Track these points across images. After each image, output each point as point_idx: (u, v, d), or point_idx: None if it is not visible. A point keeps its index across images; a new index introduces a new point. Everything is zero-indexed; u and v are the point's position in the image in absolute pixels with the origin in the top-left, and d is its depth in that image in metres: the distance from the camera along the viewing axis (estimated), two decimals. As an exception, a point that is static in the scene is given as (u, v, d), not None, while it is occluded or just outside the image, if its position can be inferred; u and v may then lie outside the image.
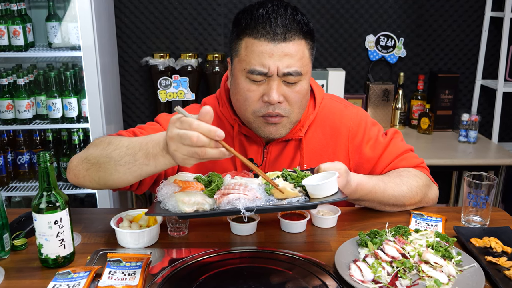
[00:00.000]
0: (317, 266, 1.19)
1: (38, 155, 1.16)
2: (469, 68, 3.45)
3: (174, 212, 1.16)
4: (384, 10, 3.31)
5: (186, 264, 1.19)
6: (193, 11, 3.25)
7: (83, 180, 1.33)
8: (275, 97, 1.35)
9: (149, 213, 1.17)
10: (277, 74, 1.35)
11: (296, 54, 1.35)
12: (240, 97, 1.41)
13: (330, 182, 1.18)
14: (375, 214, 1.50)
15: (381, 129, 1.60)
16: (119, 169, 1.22)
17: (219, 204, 1.16)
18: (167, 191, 1.21)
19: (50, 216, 1.16)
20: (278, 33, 1.32)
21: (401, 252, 1.16)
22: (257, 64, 1.34)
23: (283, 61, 1.33)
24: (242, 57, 1.37)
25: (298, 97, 1.40)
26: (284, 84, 1.37)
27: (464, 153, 2.97)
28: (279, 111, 1.38)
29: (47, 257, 1.19)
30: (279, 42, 1.33)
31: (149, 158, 1.15)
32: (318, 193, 1.19)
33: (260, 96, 1.38)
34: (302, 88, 1.39)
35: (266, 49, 1.33)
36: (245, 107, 1.41)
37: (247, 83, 1.38)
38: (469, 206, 1.44)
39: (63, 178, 3.02)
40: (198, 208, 1.16)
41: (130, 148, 1.20)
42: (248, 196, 1.15)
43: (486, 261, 1.21)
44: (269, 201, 1.18)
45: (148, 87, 3.35)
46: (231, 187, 1.17)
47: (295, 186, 1.24)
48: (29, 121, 2.87)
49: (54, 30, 2.84)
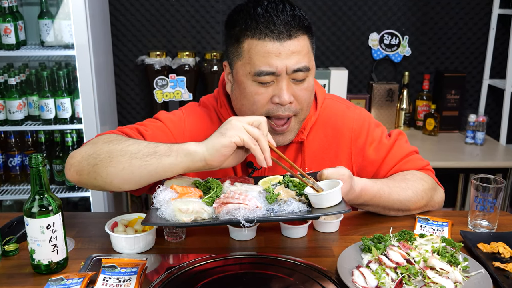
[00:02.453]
0: (318, 272, 1.19)
1: (30, 157, 1.16)
2: (476, 67, 3.45)
3: (172, 222, 1.16)
4: (388, 7, 3.31)
5: (183, 270, 1.19)
6: (191, 8, 3.25)
7: (86, 177, 1.30)
8: (287, 98, 1.35)
9: (145, 223, 1.17)
10: (286, 73, 1.35)
11: (302, 49, 1.36)
12: (247, 101, 1.39)
13: (333, 192, 1.18)
14: (379, 219, 1.50)
15: (385, 130, 1.61)
16: (134, 162, 1.22)
17: (218, 213, 1.16)
18: (164, 197, 1.20)
19: (42, 220, 1.16)
20: (283, 31, 1.32)
21: (406, 257, 1.16)
22: (264, 65, 1.33)
23: (291, 59, 1.34)
24: (246, 60, 1.36)
25: (307, 94, 1.40)
26: (292, 83, 1.37)
27: (471, 155, 2.97)
28: (289, 113, 1.39)
29: (39, 263, 1.19)
30: (285, 41, 1.33)
31: (172, 150, 1.21)
32: (321, 203, 1.19)
33: (269, 98, 1.37)
34: (309, 84, 1.40)
35: (272, 49, 1.33)
36: (253, 111, 1.39)
37: (254, 87, 1.37)
38: (476, 210, 1.44)
39: (55, 181, 3.02)
40: (196, 218, 1.16)
41: (151, 143, 1.26)
42: (248, 206, 1.15)
43: (494, 267, 1.21)
44: (270, 211, 1.18)
45: (144, 87, 3.36)
46: (231, 196, 1.17)
47: (297, 194, 1.24)
48: (20, 122, 2.87)
49: (46, 28, 2.84)
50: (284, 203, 1.20)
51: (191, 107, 1.58)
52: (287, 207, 1.19)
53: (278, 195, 1.21)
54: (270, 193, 1.21)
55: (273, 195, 1.21)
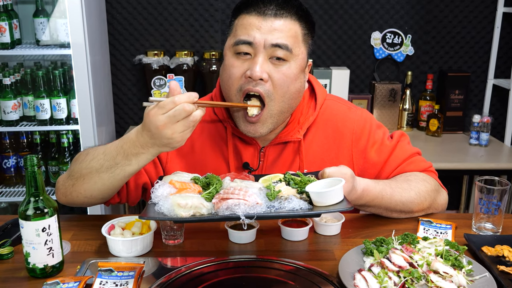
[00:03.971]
0: (320, 276, 1.19)
1: (25, 159, 1.16)
2: (480, 66, 3.45)
3: (170, 217, 1.16)
4: (390, 6, 3.32)
5: (182, 274, 1.19)
6: (189, 7, 3.25)
7: (71, 197, 1.41)
8: (258, 71, 1.35)
9: (142, 217, 1.17)
10: (263, 47, 1.36)
11: (287, 31, 1.37)
12: (225, 75, 1.42)
13: (335, 190, 1.18)
14: (381, 221, 1.51)
15: (387, 131, 1.61)
16: (103, 176, 1.31)
17: (218, 209, 1.16)
18: (162, 192, 1.21)
19: (37, 223, 1.16)
20: (270, 8, 1.36)
21: (409, 261, 1.16)
22: (244, 35, 1.37)
23: (272, 34, 1.36)
24: (232, 33, 1.41)
25: (284, 80, 1.38)
26: (271, 62, 1.38)
27: (475, 156, 2.97)
28: (260, 89, 1.37)
29: (34, 267, 1.19)
30: (268, 17, 1.36)
31: (130, 158, 1.25)
32: (322, 200, 1.19)
33: (244, 72, 1.38)
34: (289, 71, 1.39)
35: (254, 22, 1.36)
36: (229, 85, 1.41)
37: (232, 59, 1.40)
38: (480, 212, 1.44)
39: (51, 183, 3.02)
40: (195, 213, 1.16)
41: (107, 154, 1.29)
42: (248, 202, 1.16)
43: (499, 270, 1.22)
44: (270, 208, 1.19)
45: (141, 86, 3.36)
46: (231, 192, 1.18)
47: (298, 191, 1.24)
48: (15, 123, 2.87)
49: (42, 27, 2.84)
50: (285, 200, 1.20)
51: None
52: (288, 204, 1.19)
53: (279, 192, 1.22)
54: (271, 190, 1.22)
55: (273, 192, 1.21)
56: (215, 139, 1.54)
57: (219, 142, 1.54)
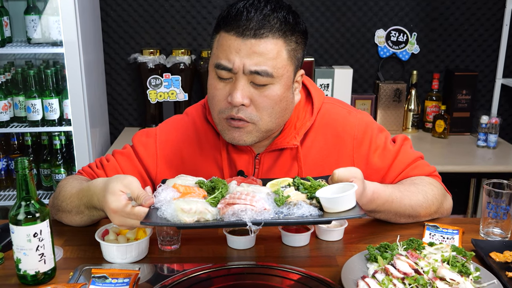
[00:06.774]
0: (322, 283, 1.19)
1: (16, 161, 1.16)
2: (488, 65, 3.46)
3: (173, 222, 1.15)
4: (395, 2, 3.32)
5: (178, 281, 1.19)
6: (186, 4, 3.26)
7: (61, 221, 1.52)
8: (238, 98, 1.34)
9: (144, 223, 1.16)
10: (243, 72, 1.33)
11: (268, 53, 1.32)
12: (210, 93, 1.42)
13: (348, 195, 1.16)
14: (385, 226, 1.51)
15: (389, 135, 1.60)
16: (75, 217, 1.44)
17: (223, 215, 1.15)
18: (165, 196, 1.20)
19: (29, 228, 1.16)
20: (249, 29, 1.31)
21: (414, 267, 1.16)
22: (223, 59, 1.34)
23: (251, 59, 1.32)
24: (214, 51, 1.39)
25: (268, 102, 1.37)
26: (252, 86, 1.35)
27: (483, 159, 2.98)
28: (242, 115, 1.36)
29: (25, 273, 1.19)
30: (247, 38, 1.32)
31: (98, 209, 1.34)
32: (334, 207, 1.17)
33: (226, 96, 1.37)
34: (273, 93, 1.36)
35: (233, 44, 1.33)
36: (213, 106, 1.41)
37: (215, 80, 1.39)
38: (488, 217, 1.44)
39: (43, 186, 3.02)
40: (199, 219, 1.15)
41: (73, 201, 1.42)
42: (256, 207, 1.14)
43: (507, 277, 1.22)
44: (278, 214, 1.17)
45: (136, 86, 3.36)
46: (237, 196, 1.16)
47: (308, 197, 1.23)
48: (6, 124, 2.87)
49: (33, 24, 2.85)
50: (294, 206, 1.18)
51: (170, 122, 1.63)
52: (297, 210, 1.17)
53: (288, 198, 1.20)
54: (279, 195, 1.20)
55: (282, 197, 1.20)
56: (208, 147, 1.54)
57: (212, 150, 1.53)
